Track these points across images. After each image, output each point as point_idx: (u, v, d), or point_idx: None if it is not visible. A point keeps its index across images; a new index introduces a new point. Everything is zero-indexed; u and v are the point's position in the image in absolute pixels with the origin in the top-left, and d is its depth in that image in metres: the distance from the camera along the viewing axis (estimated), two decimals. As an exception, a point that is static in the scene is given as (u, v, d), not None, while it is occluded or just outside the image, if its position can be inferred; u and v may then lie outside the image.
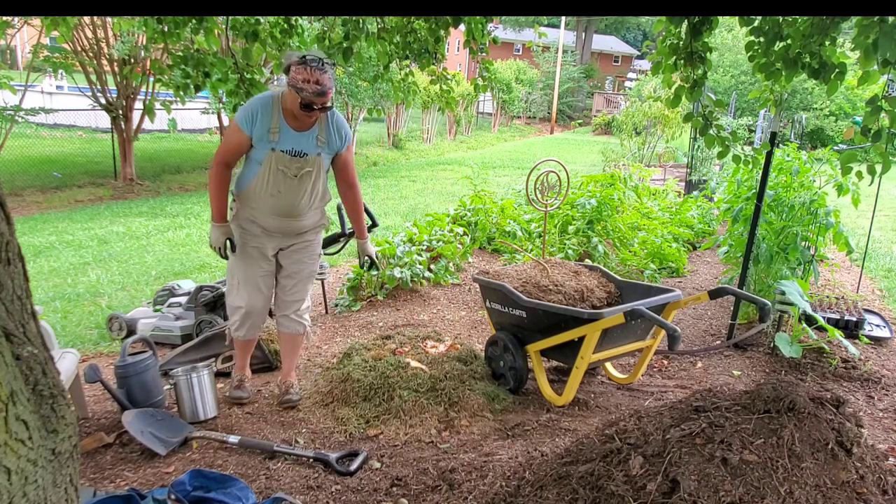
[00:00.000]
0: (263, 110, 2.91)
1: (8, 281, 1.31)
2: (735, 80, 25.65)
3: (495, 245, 6.73)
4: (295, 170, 2.99)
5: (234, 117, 2.95)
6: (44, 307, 4.87)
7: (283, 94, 2.93)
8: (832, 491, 1.74)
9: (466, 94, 20.03)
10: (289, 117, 2.94)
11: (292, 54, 2.84)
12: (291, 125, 2.95)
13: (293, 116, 2.93)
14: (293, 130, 2.96)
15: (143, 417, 2.97)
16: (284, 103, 2.92)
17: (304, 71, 2.75)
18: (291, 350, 3.45)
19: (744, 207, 4.82)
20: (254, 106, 2.92)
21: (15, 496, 1.17)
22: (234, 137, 2.95)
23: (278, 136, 2.93)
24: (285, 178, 2.99)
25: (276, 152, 2.94)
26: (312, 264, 3.33)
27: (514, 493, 2.15)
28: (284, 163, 2.96)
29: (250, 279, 3.18)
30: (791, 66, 3.06)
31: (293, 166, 2.98)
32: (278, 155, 2.95)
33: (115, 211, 9.40)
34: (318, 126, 3.01)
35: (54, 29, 3.54)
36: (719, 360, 4.18)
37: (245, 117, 2.90)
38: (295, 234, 3.20)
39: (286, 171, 2.97)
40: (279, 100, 2.93)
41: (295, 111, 2.88)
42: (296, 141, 2.97)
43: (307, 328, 3.43)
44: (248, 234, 3.12)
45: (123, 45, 10.41)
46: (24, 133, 12.55)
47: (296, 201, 3.06)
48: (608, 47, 46.72)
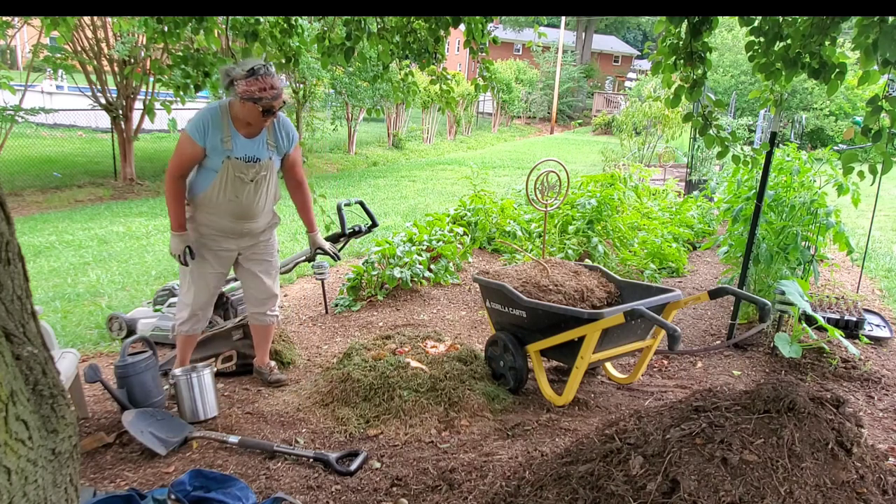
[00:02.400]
0: (214, 121, 3.01)
1: (8, 281, 1.31)
2: (735, 80, 25.65)
3: (495, 245, 6.73)
4: (252, 175, 3.13)
5: (186, 129, 3.03)
6: (44, 307, 4.88)
7: (230, 103, 3.04)
8: (832, 491, 1.74)
9: (466, 94, 20.04)
10: (239, 125, 3.06)
11: (232, 69, 2.95)
12: (242, 132, 3.09)
13: (243, 124, 3.06)
14: (244, 137, 3.09)
15: (143, 417, 2.97)
16: (234, 112, 3.03)
17: (258, 81, 2.88)
18: (265, 338, 3.66)
19: (744, 207, 4.82)
20: (204, 118, 3.01)
21: (15, 496, 1.17)
22: (187, 150, 3.03)
23: (232, 144, 3.05)
24: (242, 184, 3.12)
25: (231, 160, 3.06)
26: (275, 260, 3.52)
27: (514, 493, 2.15)
28: (241, 169, 3.10)
29: (202, 279, 3.30)
30: (791, 66, 3.06)
31: (249, 172, 3.11)
32: (234, 162, 3.07)
33: (115, 211, 9.40)
34: (266, 131, 3.15)
35: (54, 29, 3.54)
36: (719, 360, 4.18)
37: (197, 129, 3.00)
38: (251, 235, 3.34)
39: (243, 176, 3.11)
40: (227, 109, 3.05)
41: (251, 119, 3.01)
42: (248, 147, 3.10)
43: (279, 318, 3.67)
44: (204, 237, 3.24)
45: (123, 46, 10.41)
46: (24, 133, 12.54)
47: (252, 204, 3.21)
48: (608, 47, 46.72)
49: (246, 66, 2.91)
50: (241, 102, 2.95)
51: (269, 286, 3.48)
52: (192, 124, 3.01)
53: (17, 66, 20.65)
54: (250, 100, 2.91)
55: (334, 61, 3.81)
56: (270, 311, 3.54)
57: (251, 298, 3.51)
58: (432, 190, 11.79)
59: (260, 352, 3.69)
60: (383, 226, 7.81)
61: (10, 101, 9.73)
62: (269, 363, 3.72)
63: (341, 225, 4.08)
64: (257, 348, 3.69)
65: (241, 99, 2.93)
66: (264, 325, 3.59)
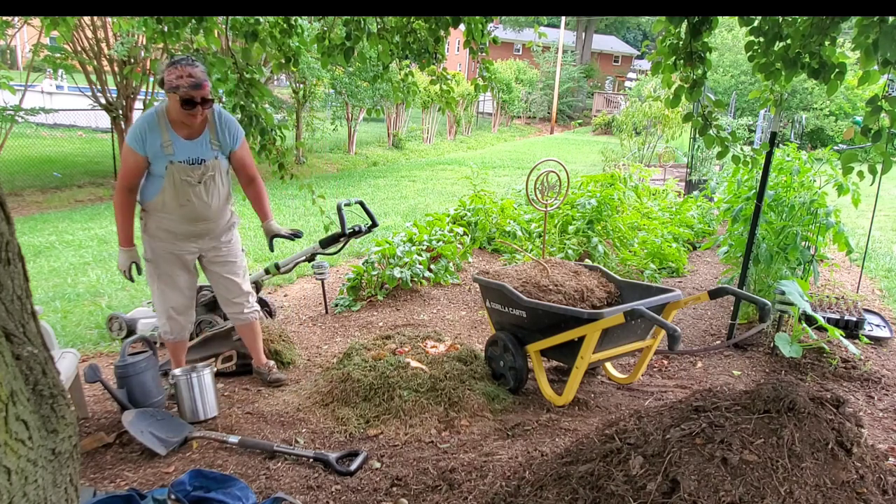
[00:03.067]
0: (150, 127, 2.98)
1: (8, 281, 1.31)
2: (735, 80, 25.65)
3: (495, 245, 6.73)
4: (198, 177, 3.09)
5: (125, 141, 3.02)
6: (44, 307, 4.88)
7: (166, 106, 3.01)
8: (832, 491, 1.74)
9: (466, 94, 20.03)
10: (178, 128, 3.03)
11: (162, 66, 2.94)
12: (182, 135, 3.04)
13: (182, 126, 3.02)
14: (185, 140, 3.05)
15: (143, 417, 2.97)
16: (170, 115, 3.01)
17: (176, 70, 2.85)
18: (253, 337, 3.63)
19: (744, 207, 4.82)
20: (140, 125, 2.99)
21: (15, 496, 1.17)
22: (130, 161, 3.02)
23: (172, 148, 3.02)
24: (190, 186, 3.09)
25: (174, 164, 3.04)
26: (241, 259, 3.50)
27: (514, 492, 2.15)
28: (186, 172, 3.06)
29: (170, 283, 3.28)
30: (791, 66, 3.06)
31: (195, 174, 3.08)
32: (178, 166, 3.04)
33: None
34: (208, 130, 3.11)
35: (54, 29, 3.54)
36: (719, 360, 4.18)
37: (135, 138, 2.98)
38: (210, 236, 3.31)
39: (190, 179, 3.08)
40: (164, 113, 3.02)
41: (180, 115, 2.96)
42: (191, 149, 3.07)
43: (259, 313, 3.64)
44: (161, 241, 3.21)
45: (122, 47, 10.40)
46: (24, 133, 12.54)
47: (205, 206, 3.18)
48: (608, 47, 46.72)
49: (175, 57, 2.91)
50: (170, 97, 2.91)
51: (238, 284, 3.45)
52: (129, 134, 3.00)
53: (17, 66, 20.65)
54: (171, 90, 2.86)
55: (334, 61, 3.81)
56: (247, 308, 3.52)
57: (223, 300, 3.50)
58: (432, 190, 11.79)
59: (254, 352, 3.69)
60: (383, 226, 7.81)
61: (10, 101, 9.73)
62: (267, 363, 3.72)
63: (341, 225, 4.08)
64: (250, 349, 3.68)
65: (167, 91, 2.90)
66: (247, 323, 3.56)
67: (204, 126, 3.09)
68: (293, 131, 14.20)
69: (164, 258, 3.22)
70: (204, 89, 2.90)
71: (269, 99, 4.30)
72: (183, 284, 3.32)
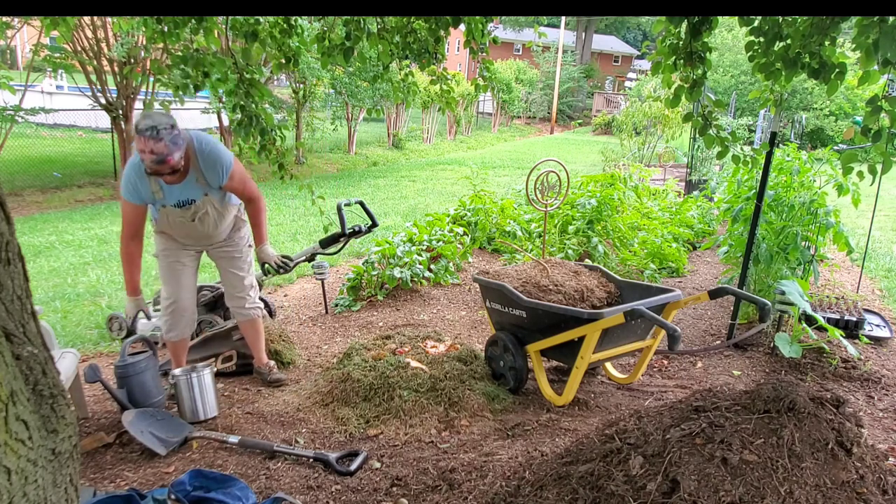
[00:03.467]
0: (139, 176, 3.00)
1: (8, 281, 1.31)
2: (735, 80, 25.65)
3: (495, 245, 6.73)
4: (190, 216, 3.18)
5: (121, 195, 3.08)
6: (44, 307, 4.87)
7: None
8: (832, 491, 1.74)
9: (466, 94, 20.02)
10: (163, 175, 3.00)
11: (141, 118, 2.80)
12: (167, 181, 3.04)
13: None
14: (172, 185, 3.07)
15: (143, 417, 2.97)
16: None
17: (140, 141, 2.75)
18: (255, 334, 3.66)
19: (744, 207, 4.82)
20: (129, 177, 3.02)
21: (15, 496, 1.17)
22: (129, 213, 3.09)
23: (162, 194, 3.07)
24: (187, 223, 3.21)
25: (166, 208, 3.12)
26: (246, 255, 3.55)
27: (514, 492, 2.15)
28: (178, 214, 3.16)
29: (178, 279, 3.35)
30: (791, 66, 3.06)
31: (187, 214, 3.17)
32: (169, 210, 3.14)
33: (115, 211, 9.39)
34: (192, 170, 3.09)
35: (54, 29, 3.54)
36: (719, 360, 4.18)
37: (129, 191, 3.03)
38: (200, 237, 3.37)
39: (183, 219, 3.18)
40: None
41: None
42: (180, 192, 3.10)
43: (262, 310, 3.66)
44: (170, 242, 3.32)
45: (122, 48, 10.40)
46: (24, 133, 12.54)
47: (208, 231, 3.28)
48: (608, 47, 46.71)
49: (146, 120, 2.75)
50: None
51: (241, 278, 3.51)
52: (123, 187, 3.06)
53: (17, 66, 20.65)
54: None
55: (334, 61, 3.81)
56: (248, 303, 3.55)
57: (227, 294, 3.58)
58: (432, 190, 11.79)
59: (255, 351, 3.70)
60: (383, 226, 7.80)
61: (10, 101, 9.73)
62: (268, 363, 3.73)
63: (341, 225, 4.08)
64: (251, 347, 3.70)
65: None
66: (249, 319, 3.59)
67: (188, 168, 3.06)
68: (293, 131, 14.20)
69: (170, 251, 3.32)
70: (167, 163, 2.81)
71: (269, 99, 4.30)
72: (187, 282, 3.38)
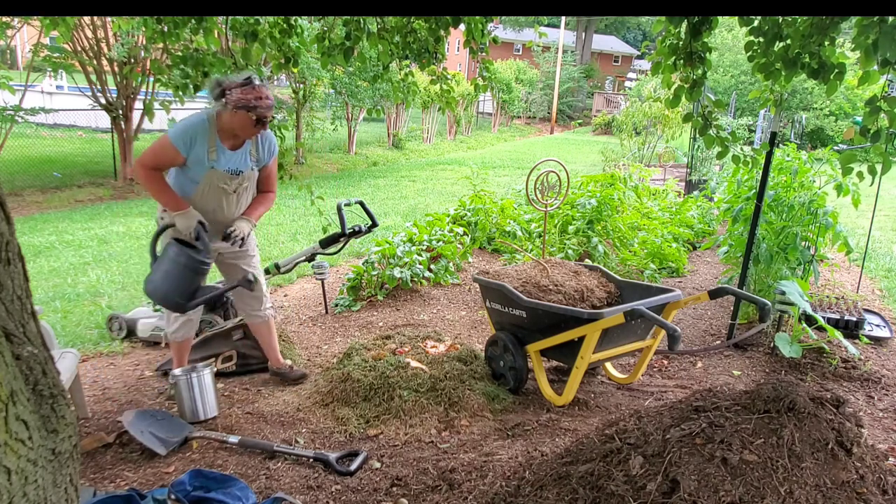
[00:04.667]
0: (202, 133, 2.99)
1: (8, 281, 1.31)
2: (735, 80, 25.65)
3: (495, 245, 6.73)
4: (234, 186, 3.15)
5: (168, 135, 2.98)
6: (44, 307, 4.87)
7: (217, 113, 3.01)
8: (832, 491, 1.74)
9: (466, 94, 20.02)
10: (224, 137, 3.05)
11: (224, 79, 2.96)
12: (227, 145, 3.07)
13: (229, 136, 3.05)
14: (228, 150, 3.08)
15: (143, 417, 2.97)
16: (220, 124, 3.02)
17: (254, 90, 2.91)
18: (271, 335, 3.65)
19: (744, 207, 4.82)
20: (192, 129, 2.98)
21: (15, 496, 1.17)
22: (167, 155, 3.00)
23: (217, 156, 3.05)
24: (225, 194, 3.15)
25: (216, 171, 3.07)
26: (258, 257, 3.54)
27: (514, 492, 2.15)
28: (224, 180, 3.10)
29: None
30: (790, 67, 3.06)
31: (232, 183, 3.14)
32: (218, 174, 3.07)
33: (115, 211, 9.40)
34: (250, 143, 3.15)
35: (54, 29, 3.54)
36: (719, 360, 4.18)
37: (183, 139, 2.96)
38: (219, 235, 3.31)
39: (226, 187, 3.13)
40: (214, 121, 3.02)
41: (240, 130, 3.00)
42: (232, 160, 3.10)
43: (274, 311, 3.68)
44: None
45: (122, 48, 10.40)
46: (24, 133, 12.53)
47: (231, 213, 3.24)
48: (608, 47, 46.71)
49: (240, 76, 2.94)
50: (231, 112, 2.93)
51: (258, 288, 3.47)
52: (177, 133, 2.97)
53: (17, 66, 20.65)
54: (244, 108, 2.90)
55: (334, 61, 3.81)
56: (267, 304, 3.56)
57: (242, 303, 3.52)
58: (432, 190, 11.79)
59: (271, 352, 3.69)
60: (383, 226, 7.80)
61: (10, 101, 9.73)
62: (284, 362, 3.73)
63: (341, 225, 4.08)
64: (266, 349, 3.69)
65: (235, 108, 2.90)
66: (263, 322, 3.58)
67: (250, 137, 3.13)
68: (293, 131, 14.19)
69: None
70: (273, 109, 3.01)
71: (269, 99, 4.29)
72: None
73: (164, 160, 3.02)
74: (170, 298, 2.94)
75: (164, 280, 2.90)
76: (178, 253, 2.89)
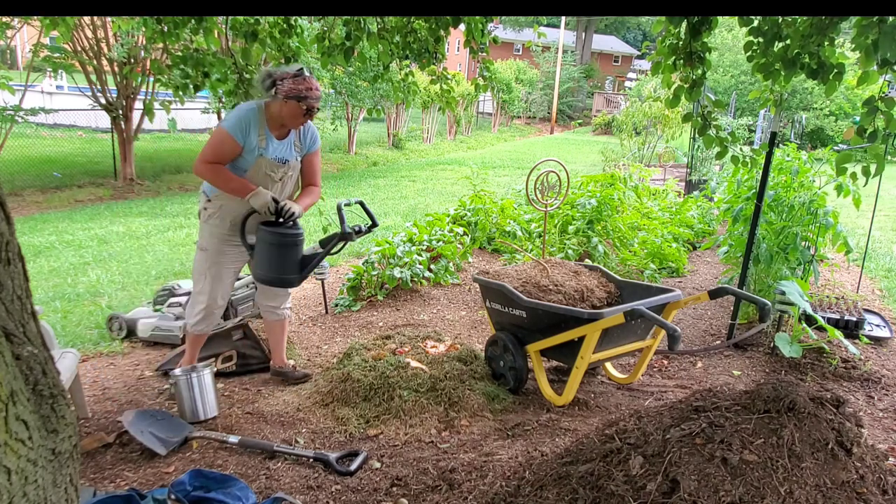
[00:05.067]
0: (254, 121, 3.07)
1: (8, 281, 1.31)
2: (735, 80, 25.65)
3: (495, 245, 6.73)
4: (280, 174, 3.22)
5: (224, 127, 3.05)
6: (44, 307, 4.87)
7: (266, 104, 3.10)
8: (832, 491, 1.74)
9: (466, 94, 20.02)
10: (272, 126, 3.13)
11: (275, 70, 3.07)
12: (274, 134, 3.15)
13: (277, 125, 3.14)
14: (276, 139, 3.17)
15: (143, 417, 2.97)
16: (269, 113, 3.10)
17: (305, 81, 3.02)
18: (282, 335, 3.69)
19: (744, 207, 4.82)
20: (246, 117, 3.06)
21: (15, 496, 1.17)
22: (227, 146, 3.05)
23: (266, 144, 3.12)
24: (271, 183, 3.20)
25: (264, 159, 3.13)
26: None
27: (514, 492, 2.15)
28: (272, 168, 3.17)
29: (219, 274, 3.31)
30: (790, 67, 3.07)
31: (278, 171, 3.20)
32: (267, 161, 3.14)
33: (115, 211, 9.40)
34: (294, 133, 3.23)
35: (54, 29, 3.54)
36: (719, 360, 4.18)
37: (239, 128, 3.04)
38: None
39: (273, 175, 3.18)
40: (264, 109, 3.10)
41: (289, 119, 3.09)
42: (279, 149, 3.18)
43: (290, 311, 3.77)
44: (226, 233, 3.26)
45: (122, 48, 10.40)
46: (24, 133, 12.53)
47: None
48: (608, 47, 46.71)
49: (290, 68, 3.06)
50: (282, 102, 3.03)
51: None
52: (232, 123, 3.03)
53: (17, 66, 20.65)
54: (295, 98, 3.00)
55: (334, 61, 3.81)
56: (288, 303, 3.61)
57: (264, 292, 3.53)
58: (432, 190, 11.79)
59: (277, 350, 3.71)
60: (383, 226, 7.81)
61: (10, 101, 9.73)
62: (288, 362, 3.75)
63: (341, 225, 4.08)
64: (274, 347, 3.70)
65: (286, 98, 3.01)
66: (280, 320, 3.62)
67: (296, 127, 3.21)
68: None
69: (219, 251, 3.27)
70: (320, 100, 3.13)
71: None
72: (229, 279, 3.37)
73: (224, 152, 3.07)
74: (282, 279, 3.14)
75: (268, 264, 3.11)
76: (269, 234, 3.09)
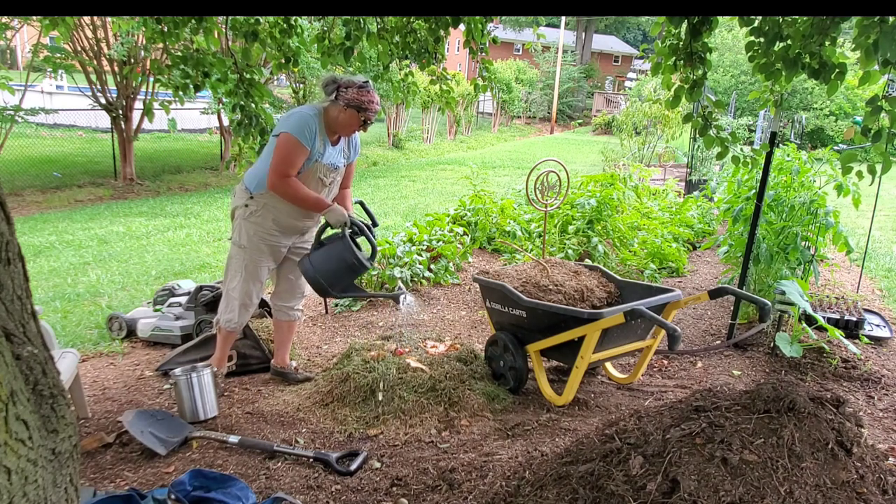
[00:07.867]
0: (317, 126, 3.13)
1: (8, 281, 1.31)
2: (735, 80, 25.65)
3: (495, 245, 6.73)
4: (330, 179, 3.30)
5: (291, 133, 3.05)
6: (44, 307, 4.87)
7: (325, 109, 3.15)
8: (832, 491, 1.74)
9: (466, 94, 20.02)
10: (328, 132, 3.19)
11: (340, 77, 3.13)
12: (330, 140, 3.24)
13: (332, 132, 3.21)
14: (330, 145, 3.25)
15: (143, 417, 2.97)
16: (326, 119, 3.16)
17: (368, 93, 3.10)
18: (290, 333, 3.72)
19: (744, 207, 4.82)
20: (309, 123, 3.10)
21: (15, 496, 1.17)
22: (297, 152, 3.08)
23: (323, 149, 3.19)
24: (321, 187, 3.27)
25: (320, 164, 3.19)
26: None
27: (514, 492, 2.15)
28: (325, 173, 3.25)
29: (256, 272, 3.34)
30: (791, 67, 3.07)
31: (330, 176, 3.29)
32: (322, 166, 3.21)
33: (115, 211, 9.40)
34: (343, 141, 3.31)
35: (53, 29, 3.54)
36: (719, 360, 4.18)
37: (305, 133, 3.08)
38: (302, 234, 3.45)
39: (324, 179, 3.26)
40: (323, 115, 3.16)
41: (345, 126, 3.16)
42: (332, 154, 3.26)
43: (302, 314, 3.78)
44: (266, 232, 3.28)
45: (121, 48, 10.40)
46: (24, 133, 12.54)
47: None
48: (608, 47, 46.71)
49: (356, 78, 3.13)
50: (342, 109, 3.09)
51: (301, 281, 3.54)
52: (297, 129, 3.05)
53: (17, 66, 20.65)
54: (356, 107, 3.08)
55: (334, 61, 3.82)
56: (302, 304, 3.66)
57: (283, 294, 3.57)
58: (432, 190, 11.79)
59: (281, 350, 3.71)
60: (383, 226, 7.80)
61: (10, 101, 9.73)
62: (290, 363, 3.76)
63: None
64: (279, 347, 3.71)
65: (347, 105, 3.07)
66: (290, 321, 3.64)
67: (348, 135, 3.31)
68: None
69: (258, 249, 3.29)
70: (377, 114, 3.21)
71: (269, 99, 4.31)
72: (264, 278, 3.41)
73: (296, 160, 3.10)
74: (325, 289, 3.20)
75: (326, 270, 3.16)
76: (345, 248, 3.16)
